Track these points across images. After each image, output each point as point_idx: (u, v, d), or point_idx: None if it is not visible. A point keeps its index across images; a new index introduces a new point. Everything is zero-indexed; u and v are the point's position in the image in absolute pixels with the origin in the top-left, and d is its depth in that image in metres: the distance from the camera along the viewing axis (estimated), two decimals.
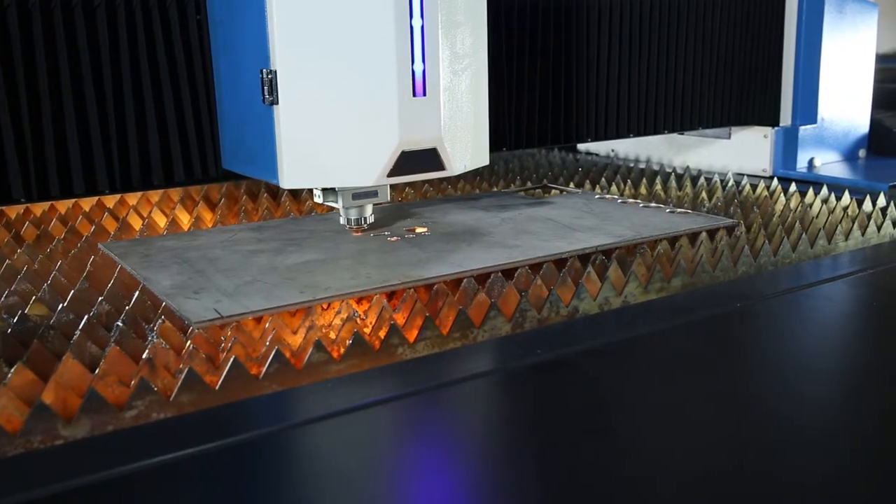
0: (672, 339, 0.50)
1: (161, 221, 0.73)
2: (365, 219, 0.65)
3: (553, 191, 0.88)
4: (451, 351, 0.48)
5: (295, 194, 0.82)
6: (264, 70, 0.57)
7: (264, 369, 0.43)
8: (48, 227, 0.70)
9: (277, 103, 0.57)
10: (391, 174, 0.59)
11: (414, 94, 0.59)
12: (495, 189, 0.90)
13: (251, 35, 0.59)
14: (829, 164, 1.07)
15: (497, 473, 0.35)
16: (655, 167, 1.05)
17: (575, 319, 0.53)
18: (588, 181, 0.94)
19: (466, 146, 0.63)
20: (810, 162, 1.04)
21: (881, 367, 0.46)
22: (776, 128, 1.03)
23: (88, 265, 0.58)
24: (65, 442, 0.38)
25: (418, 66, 0.58)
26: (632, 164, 1.07)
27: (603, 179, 0.94)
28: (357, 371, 0.45)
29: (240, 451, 0.37)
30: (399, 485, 0.34)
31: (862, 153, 1.11)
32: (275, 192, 0.82)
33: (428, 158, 0.60)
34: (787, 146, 1.03)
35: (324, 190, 0.64)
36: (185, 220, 0.74)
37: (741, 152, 1.06)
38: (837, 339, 0.51)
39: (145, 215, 0.73)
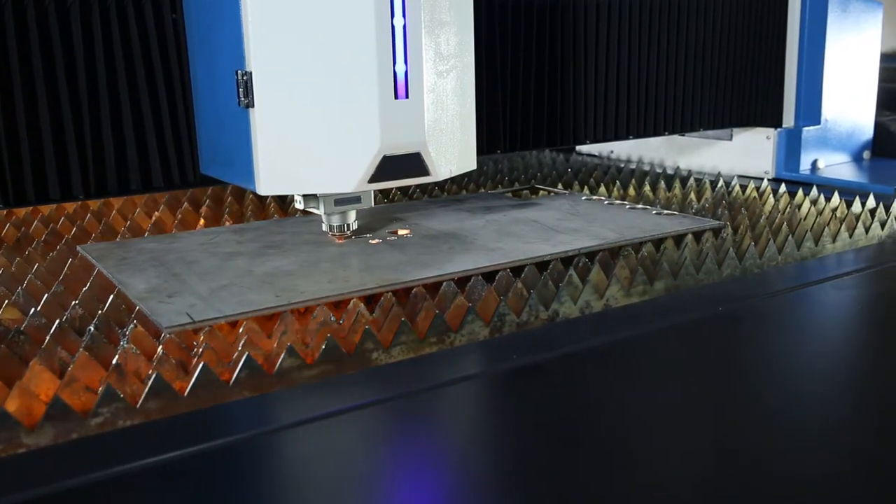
0: (653, 343, 0.49)
1: (145, 224, 0.72)
2: (348, 225, 0.63)
3: (541, 192, 0.87)
4: (425, 356, 0.47)
5: (281, 196, 0.81)
6: (239, 71, 0.56)
7: (234, 375, 0.43)
8: (29, 229, 0.70)
9: (253, 106, 0.56)
10: (373, 180, 0.57)
11: (396, 97, 0.57)
12: (482, 190, 0.89)
13: (226, 34, 0.57)
14: (833, 165, 1.05)
15: (472, 480, 0.35)
16: (646, 167, 1.04)
17: (555, 323, 0.52)
18: (578, 182, 0.93)
19: (452, 150, 0.62)
20: (814, 164, 1.03)
21: (870, 369, 0.45)
22: (779, 129, 1.01)
23: (66, 268, 0.57)
24: (27, 450, 0.37)
25: (400, 68, 0.57)
26: (622, 165, 1.06)
27: (592, 180, 0.93)
28: (329, 376, 0.45)
29: (205, 458, 0.36)
30: (371, 493, 0.34)
31: (866, 155, 1.10)
32: None
33: (411, 163, 0.59)
34: (790, 148, 1.01)
35: (305, 196, 0.62)
36: (168, 222, 0.73)
37: (743, 154, 1.04)
38: (821, 341, 0.50)
39: (129, 217, 0.73)
